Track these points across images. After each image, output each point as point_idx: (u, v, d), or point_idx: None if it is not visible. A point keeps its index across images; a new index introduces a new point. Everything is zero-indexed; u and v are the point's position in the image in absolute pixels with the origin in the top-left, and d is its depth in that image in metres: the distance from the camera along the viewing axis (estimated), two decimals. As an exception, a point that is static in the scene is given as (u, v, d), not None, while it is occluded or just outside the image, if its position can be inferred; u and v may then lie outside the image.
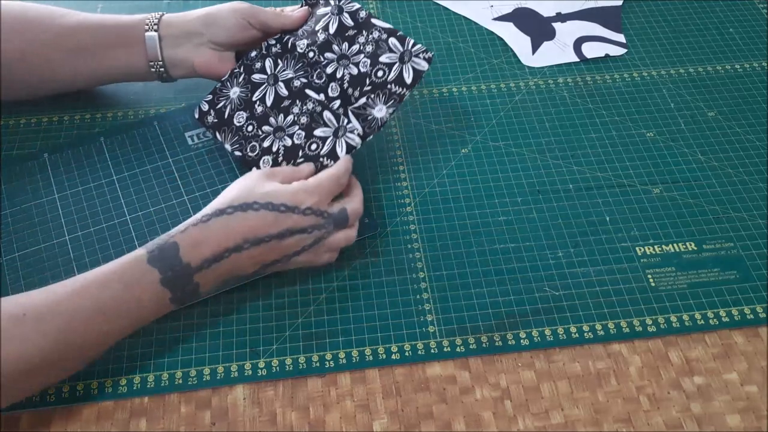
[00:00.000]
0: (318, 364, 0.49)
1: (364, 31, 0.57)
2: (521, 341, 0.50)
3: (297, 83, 0.57)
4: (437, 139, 0.63)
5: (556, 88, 0.68)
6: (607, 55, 0.71)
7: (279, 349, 0.49)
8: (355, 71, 0.55)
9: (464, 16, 0.75)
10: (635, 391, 0.48)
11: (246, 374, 0.48)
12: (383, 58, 0.55)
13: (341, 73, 0.56)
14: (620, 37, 0.73)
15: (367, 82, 0.55)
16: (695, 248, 0.55)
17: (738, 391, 0.48)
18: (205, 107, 0.60)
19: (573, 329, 0.50)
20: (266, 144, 0.56)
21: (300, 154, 0.55)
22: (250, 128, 0.57)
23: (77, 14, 0.60)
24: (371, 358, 0.49)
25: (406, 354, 0.49)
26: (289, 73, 0.57)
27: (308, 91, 0.56)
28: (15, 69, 0.58)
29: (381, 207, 0.57)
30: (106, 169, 0.60)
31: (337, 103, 0.56)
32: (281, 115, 0.57)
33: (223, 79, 0.60)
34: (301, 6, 0.61)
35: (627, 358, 0.49)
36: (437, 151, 0.62)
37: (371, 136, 0.55)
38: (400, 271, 0.54)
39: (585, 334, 0.50)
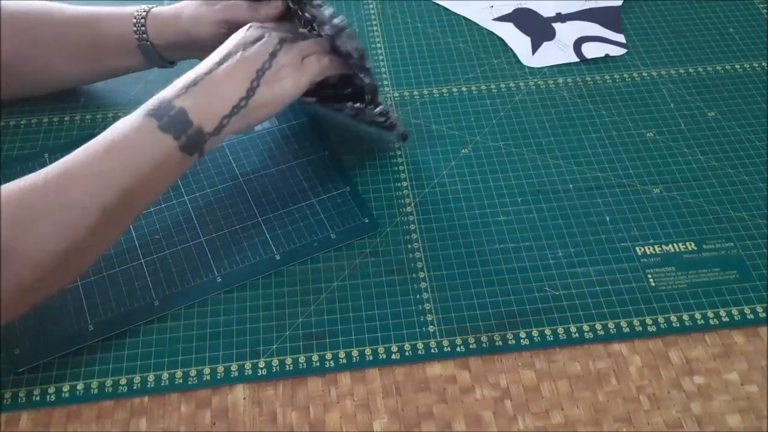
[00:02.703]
0: (318, 364, 0.49)
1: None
2: (521, 341, 0.50)
3: None
4: (437, 139, 0.63)
5: (556, 89, 0.68)
6: (607, 56, 0.71)
7: (279, 349, 0.49)
8: None
9: (464, 17, 0.75)
10: (635, 390, 0.48)
11: (246, 374, 0.48)
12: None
13: None
14: (620, 37, 0.73)
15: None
16: (695, 248, 0.55)
17: (738, 390, 0.48)
18: None
19: (573, 329, 0.50)
20: None
21: None
22: None
23: (72, 11, 0.59)
24: (371, 357, 0.49)
25: (406, 354, 0.49)
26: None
27: None
28: (11, 68, 0.58)
29: (381, 207, 0.57)
30: (106, 169, 0.60)
31: None
32: None
33: None
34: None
35: (627, 357, 0.49)
36: (437, 151, 0.62)
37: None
38: (400, 271, 0.54)
39: (585, 334, 0.50)
